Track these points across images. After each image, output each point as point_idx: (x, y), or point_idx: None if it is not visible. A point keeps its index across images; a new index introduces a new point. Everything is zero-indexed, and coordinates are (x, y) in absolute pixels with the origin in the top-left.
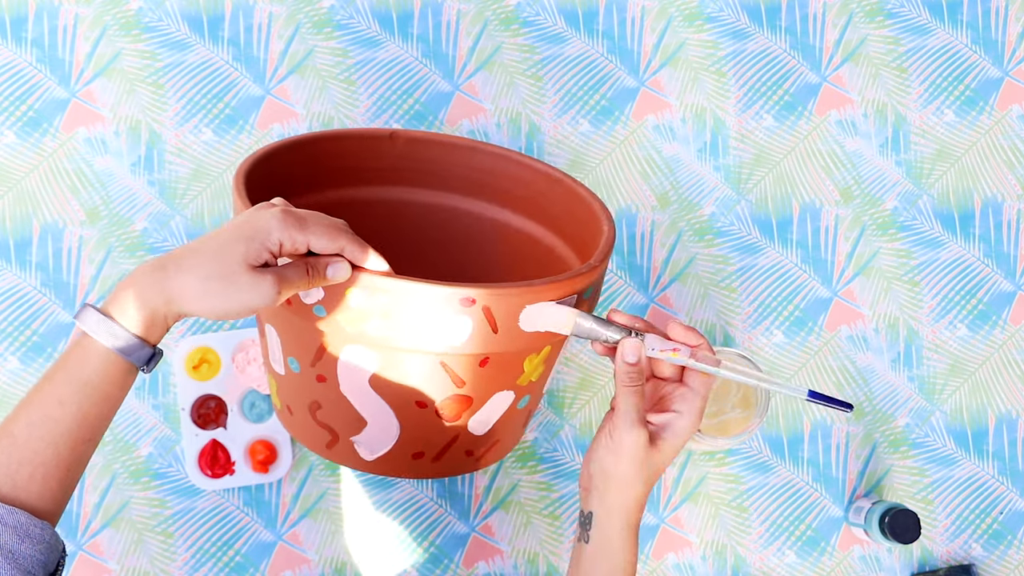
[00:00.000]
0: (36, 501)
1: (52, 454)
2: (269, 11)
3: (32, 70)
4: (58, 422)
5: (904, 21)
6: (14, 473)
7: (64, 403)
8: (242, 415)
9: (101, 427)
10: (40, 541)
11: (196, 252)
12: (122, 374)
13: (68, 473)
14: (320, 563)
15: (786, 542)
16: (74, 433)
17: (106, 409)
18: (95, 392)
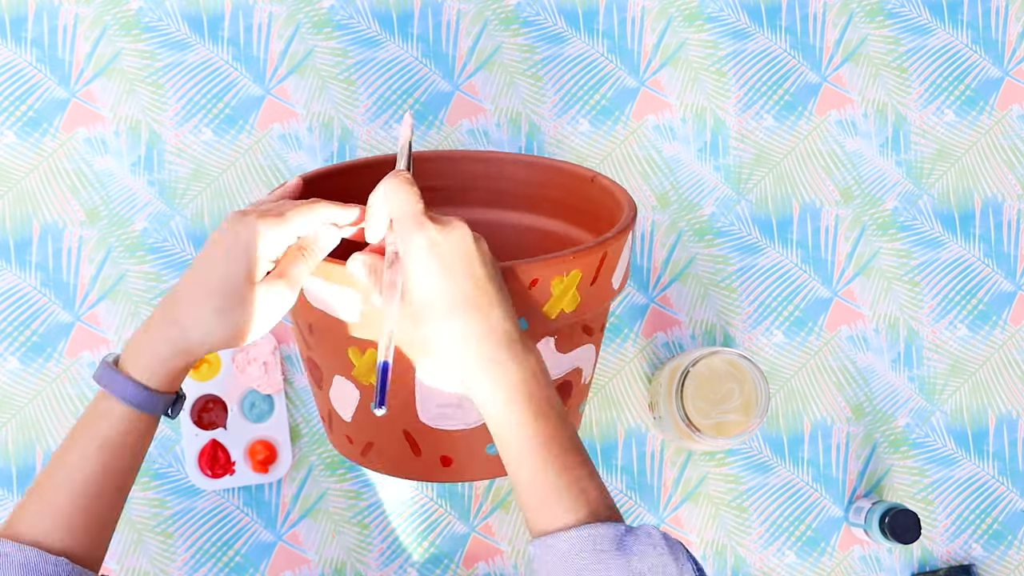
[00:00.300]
0: (63, 545)
1: (79, 507)
2: (269, 11)
3: (32, 70)
4: (82, 476)
5: (904, 21)
6: (41, 522)
7: (88, 458)
8: (242, 415)
9: (129, 476)
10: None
11: (199, 295)
12: (145, 427)
13: (98, 520)
14: (320, 563)
15: (786, 542)
16: (100, 484)
17: (132, 460)
18: (117, 448)
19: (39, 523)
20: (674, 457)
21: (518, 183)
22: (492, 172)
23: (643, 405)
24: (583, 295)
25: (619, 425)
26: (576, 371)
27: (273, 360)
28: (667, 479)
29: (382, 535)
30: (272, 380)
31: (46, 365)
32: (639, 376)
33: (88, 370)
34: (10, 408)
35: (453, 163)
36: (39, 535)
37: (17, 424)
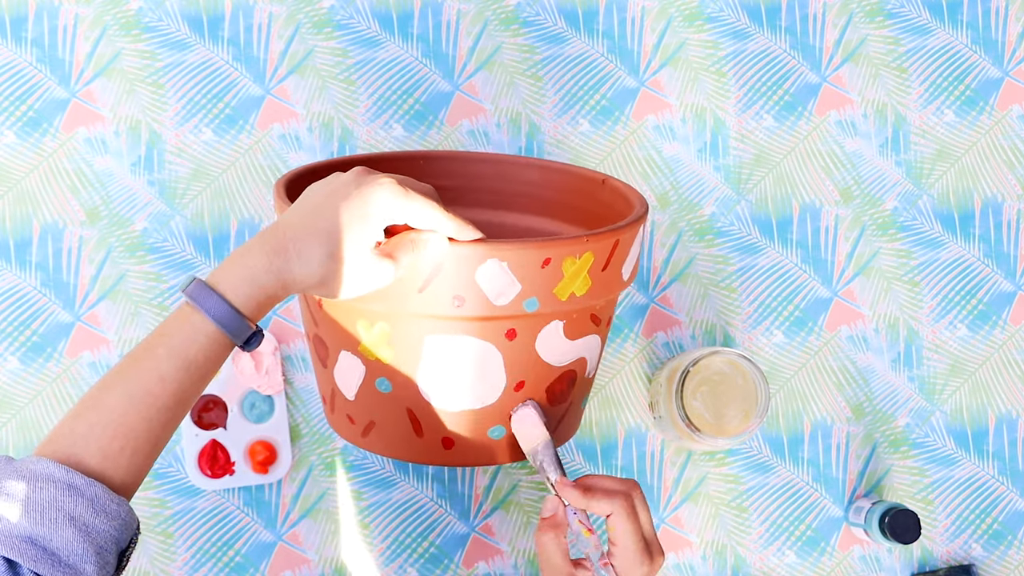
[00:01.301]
0: (123, 475)
1: (145, 429)
2: (269, 11)
3: (32, 70)
4: (157, 398)
5: (904, 21)
6: (106, 445)
7: (165, 380)
8: (242, 415)
9: (193, 402)
10: (116, 517)
11: (315, 233)
12: (225, 351)
13: (156, 447)
14: (320, 563)
15: (786, 542)
16: (171, 409)
17: (203, 385)
18: (198, 370)
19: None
20: (674, 457)
21: (528, 185)
22: (502, 174)
23: (643, 405)
24: (594, 280)
25: (619, 425)
26: (581, 361)
27: (274, 361)
28: (667, 479)
29: (382, 535)
30: (272, 381)
31: (46, 365)
32: (639, 376)
33: (88, 370)
34: (10, 408)
35: (463, 164)
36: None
37: (17, 424)
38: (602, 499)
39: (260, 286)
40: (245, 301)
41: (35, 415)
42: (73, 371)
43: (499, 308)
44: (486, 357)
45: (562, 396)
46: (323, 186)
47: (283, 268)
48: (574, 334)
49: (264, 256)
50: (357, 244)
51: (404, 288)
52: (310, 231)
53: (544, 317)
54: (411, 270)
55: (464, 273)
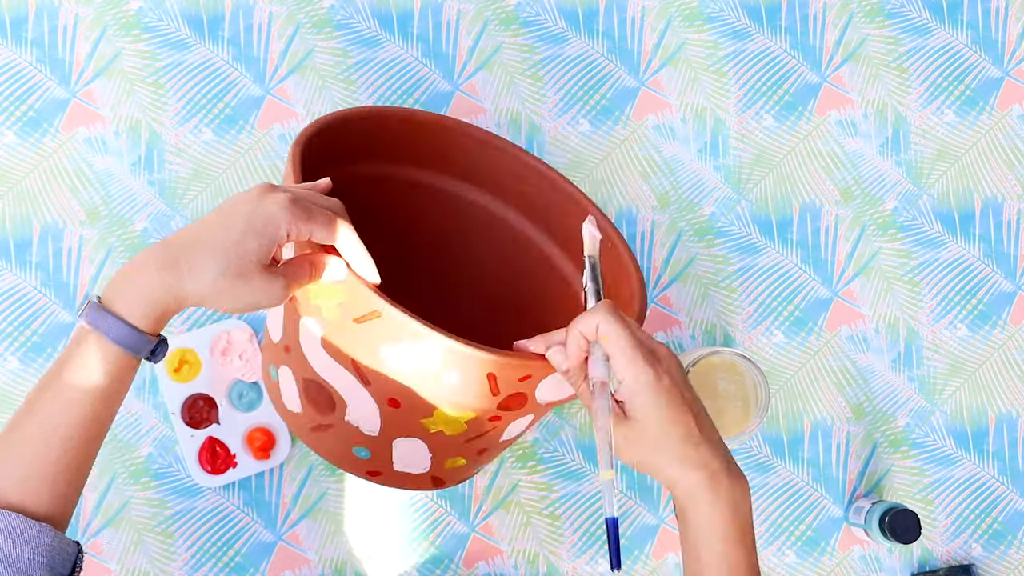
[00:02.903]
0: (47, 503)
1: (60, 454)
2: (269, 11)
3: (32, 70)
4: (69, 426)
5: (904, 21)
6: (24, 476)
7: (72, 403)
8: (232, 407)
9: (108, 422)
10: (39, 544)
11: (207, 247)
12: (129, 368)
13: (77, 472)
14: (320, 563)
15: (786, 542)
16: (84, 432)
17: (114, 405)
18: (104, 391)
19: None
20: None
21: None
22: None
23: None
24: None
25: None
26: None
27: (252, 347)
28: None
29: (382, 535)
30: (254, 367)
31: (46, 365)
32: None
33: None
34: (10, 408)
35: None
36: (19, 496)
37: None
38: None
39: (154, 302)
40: (141, 318)
41: None
42: None
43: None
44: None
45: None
46: (223, 204)
47: (174, 283)
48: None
49: (156, 272)
50: (249, 261)
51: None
52: (201, 245)
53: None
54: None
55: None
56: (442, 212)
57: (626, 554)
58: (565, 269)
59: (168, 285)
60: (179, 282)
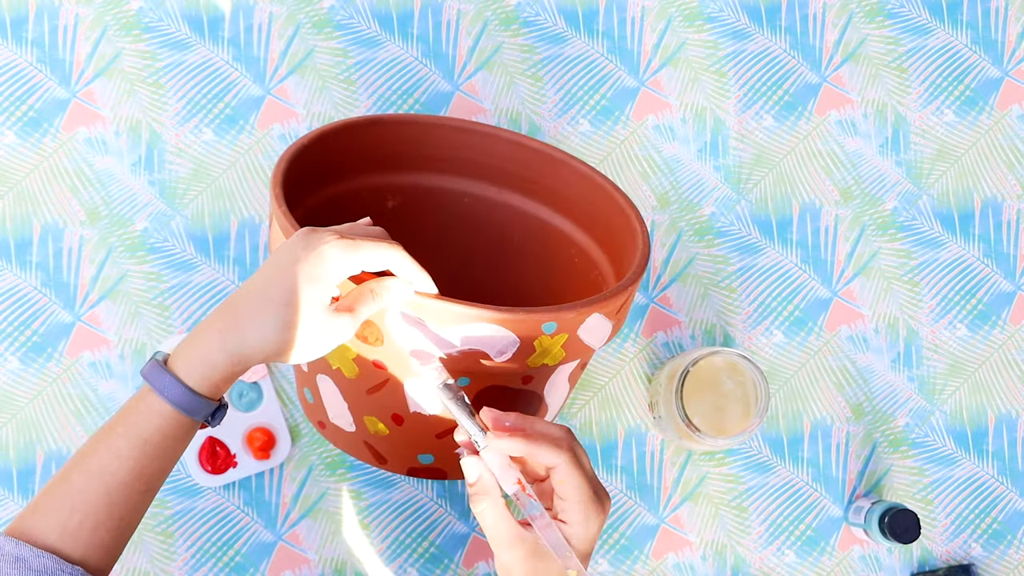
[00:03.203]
0: (83, 549)
1: (105, 504)
2: (269, 11)
3: (32, 70)
4: (114, 475)
5: (904, 21)
6: (66, 520)
7: (122, 457)
8: (232, 407)
9: (159, 479)
10: None
11: (267, 303)
12: (185, 430)
13: (120, 524)
14: (320, 563)
15: (786, 542)
16: (130, 486)
17: (165, 463)
18: (155, 448)
19: (62, 525)
20: (674, 457)
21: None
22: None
23: (643, 405)
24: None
25: (619, 425)
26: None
27: None
28: (667, 479)
29: (382, 535)
30: (255, 367)
31: (46, 365)
32: (639, 376)
33: (89, 370)
34: (10, 408)
35: (468, 135)
36: (58, 539)
37: (17, 424)
38: (547, 448)
39: (214, 365)
40: (200, 381)
41: (35, 415)
42: (73, 371)
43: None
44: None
45: None
46: (272, 256)
47: (237, 344)
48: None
49: (217, 334)
50: (311, 307)
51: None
52: (262, 303)
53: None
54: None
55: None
56: (445, 210)
57: (626, 554)
58: (576, 237)
59: (231, 347)
60: (241, 341)
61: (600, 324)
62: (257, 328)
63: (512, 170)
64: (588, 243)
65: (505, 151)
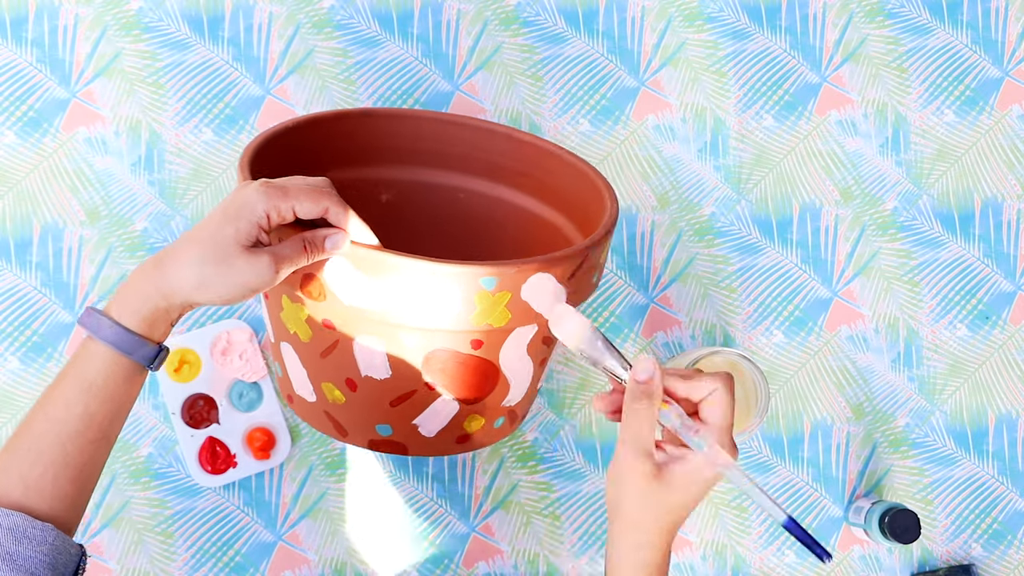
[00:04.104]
0: (48, 502)
1: (60, 454)
2: (269, 11)
3: (32, 70)
4: (65, 423)
5: (904, 21)
6: (26, 473)
7: (70, 404)
8: (232, 407)
9: (111, 427)
10: (42, 543)
11: (189, 241)
12: (127, 373)
13: (80, 473)
14: (320, 563)
15: (786, 542)
16: (82, 434)
17: (113, 408)
18: (100, 392)
19: (23, 480)
20: None
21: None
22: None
23: None
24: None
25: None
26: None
27: (252, 347)
28: None
29: (382, 535)
30: (254, 367)
31: (46, 365)
32: None
33: None
34: (10, 408)
35: (434, 125)
36: (22, 495)
37: (17, 424)
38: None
39: (143, 299)
40: (131, 317)
41: None
42: None
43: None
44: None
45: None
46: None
47: (161, 279)
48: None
49: (143, 273)
50: (226, 243)
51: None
52: (185, 241)
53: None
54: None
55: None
56: (439, 205)
57: None
58: (545, 215)
59: (155, 282)
60: (164, 278)
61: (545, 286)
62: (179, 264)
63: (506, 164)
64: (578, 236)
65: (499, 145)
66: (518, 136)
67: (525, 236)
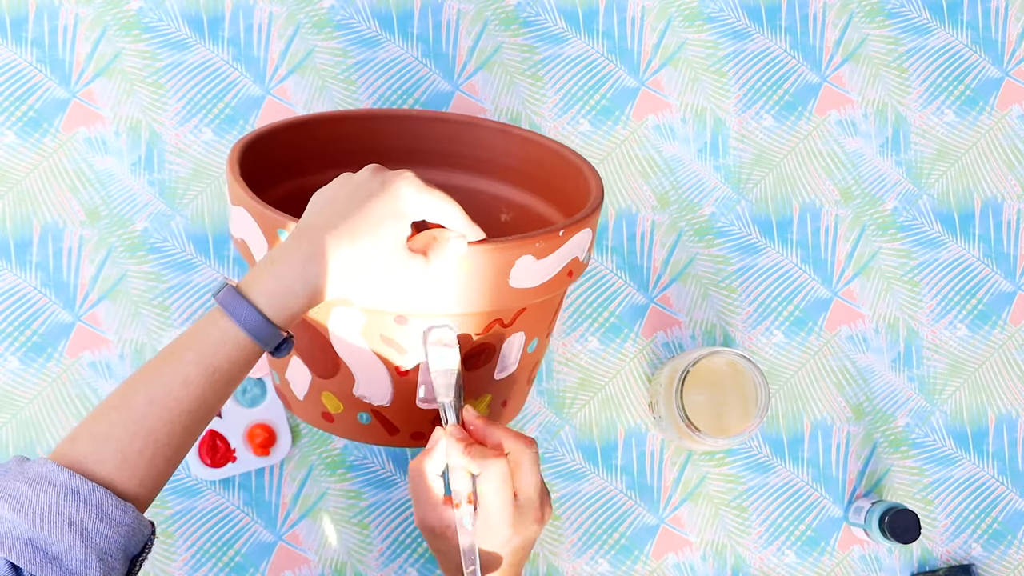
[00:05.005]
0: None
1: (167, 432)
2: (269, 11)
3: (32, 70)
4: (180, 401)
5: (904, 21)
6: (126, 447)
7: (189, 384)
8: (235, 401)
9: (218, 406)
10: (120, 523)
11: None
12: (253, 358)
13: (178, 452)
14: (320, 563)
15: (786, 542)
16: (194, 414)
17: (227, 391)
18: (223, 376)
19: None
20: (674, 457)
21: (496, 152)
22: (471, 138)
23: (643, 405)
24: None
25: (619, 425)
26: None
27: None
28: (667, 479)
29: (382, 535)
30: (260, 362)
31: (46, 365)
32: (639, 376)
33: (89, 370)
34: (10, 408)
35: (430, 124)
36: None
37: (17, 424)
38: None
39: (293, 295)
40: (277, 311)
41: (35, 415)
42: (73, 371)
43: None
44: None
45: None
46: (340, 187)
47: (318, 275)
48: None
49: (299, 263)
50: (392, 244)
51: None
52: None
53: None
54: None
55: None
56: None
57: (626, 554)
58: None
59: (312, 277)
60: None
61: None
62: (339, 262)
63: (494, 159)
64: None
65: (487, 140)
66: (489, 126)
67: (517, 230)
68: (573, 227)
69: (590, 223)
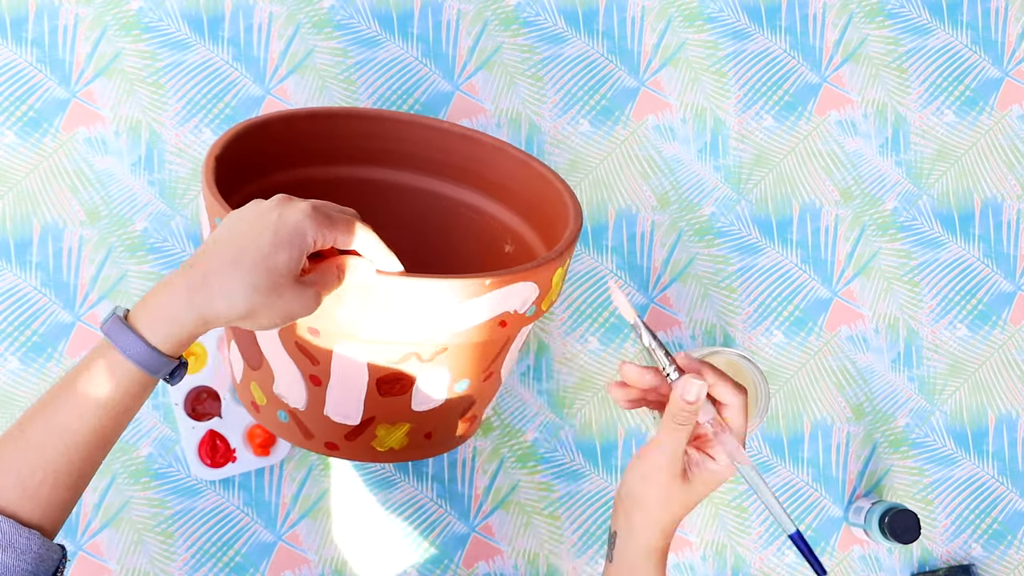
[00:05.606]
0: (43, 508)
1: (64, 463)
2: (269, 11)
3: (32, 70)
4: (75, 433)
5: (904, 21)
6: (26, 478)
7: (84, 416)
8: (235, 402)
9: (115, 436)
10: (25, 552)
11: (235, 266)
12: (145, 388)
13: (78, 481)
14: (320, 563)
15: (786, 542)
16: (90, 444)
17: (124, 420)
18: (117, 406)
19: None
20: None
21: (460, 157)
22: (435, 142)
23: None
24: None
25: (619, 425)
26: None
27: None
28: None
29: (382, 535)
30: None
31: (46, 365)
32: None
33: None
34: (10, 408)
35: (394, 126)
36: (17, 499)
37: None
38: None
39: (180, 324)
40: (164, 339)
41: None
42: None
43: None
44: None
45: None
46: (243, 215)
47: (204, 304)
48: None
49: (185, 292)
50: (281, 274)
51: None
52: (232, 264)
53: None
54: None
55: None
56: (392, 205)
57: None
58: (512, 225)
59: (198, 306)
60: (210, 302)
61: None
62: (226, 290)
63: (457, 163)
64: (526, 230)
65: (450, 144)
66: (473, 137)
67: (471, 234)
68: (503, 279)
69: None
